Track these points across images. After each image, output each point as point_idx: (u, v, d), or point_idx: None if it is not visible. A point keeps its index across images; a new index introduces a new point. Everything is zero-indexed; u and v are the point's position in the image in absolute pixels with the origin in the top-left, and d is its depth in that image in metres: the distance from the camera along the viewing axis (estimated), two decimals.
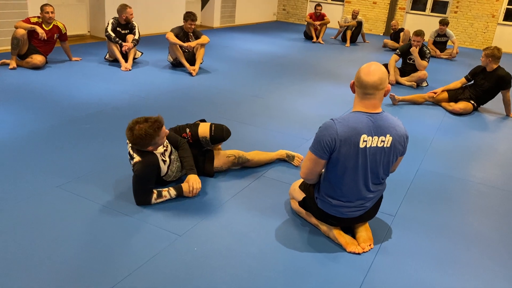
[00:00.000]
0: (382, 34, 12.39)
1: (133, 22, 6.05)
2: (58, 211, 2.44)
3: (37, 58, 5.40)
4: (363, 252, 2.31)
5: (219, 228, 2.42)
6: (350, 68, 7.31)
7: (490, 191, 3.20)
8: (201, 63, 6.19)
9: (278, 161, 3.35)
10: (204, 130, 2.88)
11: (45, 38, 5.37)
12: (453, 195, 3.09)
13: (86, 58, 6.27)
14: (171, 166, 2.73)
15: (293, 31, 11.47)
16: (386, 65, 6.33)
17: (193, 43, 5.89)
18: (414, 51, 6.13)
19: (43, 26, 5.45)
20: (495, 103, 5.54)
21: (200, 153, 2.98)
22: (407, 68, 6.41)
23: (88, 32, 8.17)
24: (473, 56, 9.88)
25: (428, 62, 6.24)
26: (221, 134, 2.91)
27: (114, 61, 6.11)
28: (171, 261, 2.11)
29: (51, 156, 3.12)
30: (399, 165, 3.39)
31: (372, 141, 2.12)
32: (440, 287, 2.11)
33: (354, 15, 10.05)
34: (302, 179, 2.62)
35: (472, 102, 5.20)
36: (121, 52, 5.91)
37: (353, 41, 10.23)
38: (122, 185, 2.78)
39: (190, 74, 5.85)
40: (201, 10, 10.93)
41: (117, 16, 5.92)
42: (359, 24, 10.11)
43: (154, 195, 2.57)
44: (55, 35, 5.60)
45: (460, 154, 3.89)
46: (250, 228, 2.44)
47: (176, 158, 2.79)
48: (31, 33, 5.33)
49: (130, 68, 5.84)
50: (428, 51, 6.22)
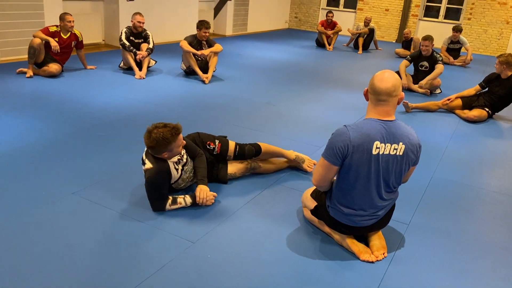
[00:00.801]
0: (395, 41, 12.35)
1: (147, 31, 6.14)
2: (73, 218, 2.48)
3: (53, 67, 5.50)
4: (377, 261, 2.30)
5: (232, 236, 2.43)
6: (363, 76, 7.30)
7: (506, 199, 3.16)
8: (214, 71, 6.23)
9: (290, 169, 3.35)
10: (231, 150, 3.07)
11: (58, 51, 5.47)
12: (468, 203, 3.06)
13: (101, 66, 6.36)
14: (184, 175, 2.76)
15: (305, 39, 11.49)
16: (398, 72, 6.31)
17: (207, 51, 5.94)
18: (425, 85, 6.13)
19: (62, 35, 5.55)
20: (511, 111, 5.48)
21: (215, 160, 3.01)
22: (420, 75, 6.37)
23: (103, 41, 8.30)
24: (487, 63, 9.78)
25: (443, 64, 6.18)
26: (243, 154, 3.09)
27: (129, 69, 6.19)
28: (185, 268, 2.12)
29: (66, 163, 3.17)
30: (412, 174, 3.38)
31: (385, 149, 2.12)
32: None
33: (367, 22, 10.04)
34: (314, 187, 2.63)
35: (487, 110, 5.15)
36: (135, 61, 5.99)
37: (365, 48, 10.22)
38: (137, 192, 2.81)
39: (203, 82, 5.89)
40: (214, 19, 11.03)
41: (130, 25, 6.01)
42: (371, 31, 10.10)
43: (169, 201, 2.60)
44: (73, 42, 5.71)
45: (475, 162, 3.85)
46: (263, 236, 2.45)
47: (191, 169, 2.81)
48: (47, 43, 5.44)
49: (144, 77, 5.91)
50: (439, 56, 6.18)
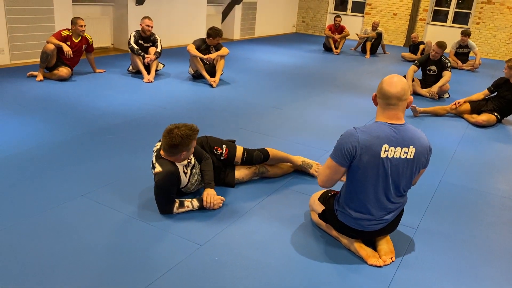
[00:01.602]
0: (403, 46, 12.32)
1: (156, 35, 6.18)
2: (83, 220, 2.50)
3: (63, 71, 5.56)
4: (385, 265, 2.29)
5: (240, 239, 2.43)
6: (370, 80, 7.29)
7: None
8: (222, 75, 6.26)
9: (297, 172, 3.36)
10: (238, 155, 3.05)
11: (71, 56, 5.53)
12: (476, 208, 3.04)
13: (110, 70, 6.41)
14: (192, 179, 2.78)
15: (313, 43, 11.51)
16: (405, 77, 6.30)
17: (213, 55, 5.97)
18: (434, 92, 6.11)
19: (73, 39, 5.62)
20: None
21: (223, 164, 3.02)
22: (428, 80, 6.35)
23: (112, 45, 8.37)
24: (496, 67, 9.73)
25: (451, 71, 6.16)
26: (251, 160, 3.09)
27: (137, 73, 6.24)
28: (192, 271, 2.13)
29: (76, 166, 3.20)
30: (421, 178, 3.37)
31: (395, 152, 2.12)
32: None
33: (374, 27, 10.04)
34: (321, 191, 2.63)
35: (496, 114, 5.12)
36: (144, 64, 6.04)
37: (373, 53, 10.20)
38: (145, 195, 2.83)
39: (211, 86, 5.92)
40: (222, 23, 11.08)
41: (139, 29, 6.07)
42: (379, 36, 10.08)
43: (176, 205, 2.61)
44: (83, 46, 5.77)
45: (483, 167, 3.83)
46: (270, 239, 2.45)
47: (198, 172, 2.83)
48: (60, 48, 5.50)
49: (152, 80, 5.95)
50: (448, 61, 6.15)
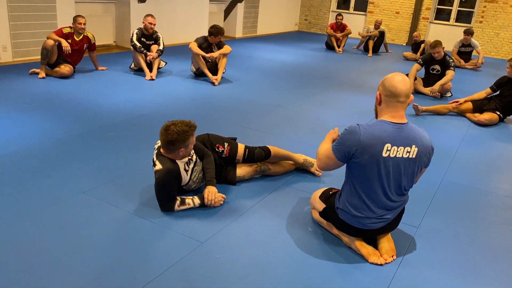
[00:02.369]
0: (405, 44, 12.29)
1: (158, 33, 6.19)
2: (84, 217, 2.51)
3: (65, 68, 5.56)
4: (386, 263, 2.29)
5: (241, 237, 2.43)
6: (372, 78, 7.27)
7: None
8: (223, 73, 6.26)
9: (299, 170, 3.35)
10: (240, 153, 3.05)
11: (69, 52, 5.53)
12: (478, 208, 3.04)
13: (112, 68, 6.42)
14: (193, 177, 2.78)
15: (315, 41, 11.49)
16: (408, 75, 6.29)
17: (215, 54, 5.96)
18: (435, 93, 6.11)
19: (74, 37, 5.62)
20: None
21: (224, 162, 3.02)
22: (431, 79, 6.33)
23: (114, 42, 8.37)
24: (499, 67, 9.70)
25: (454, 70, 6.13)
26: (253, 158, 3.09)
27: (139, 71, 6.24)
28: (194, 268, 2.13)
29: (77, 163, 3.20)
30: (422, 177, 3.36)
31: (397, 151, 2.12)
32: None
33: (377, 25, 10.01)
34: (322, 189, 2.63)
35: (498, 113, 5.10)
36: (146, 62, 6.04)
37: (376, 51, 10.18)
38: (146, 192, 2.83)
39: (213, 84, 5.92)
40: (224, 21, 11.07)
41: (142, 27, 6.07)
42: (382, 34, 10.06)
43: (177, 202, 2.61)
44: (85, 45, 5.77)
45: (485, 166, 3.82)
46: (271, 237, 2.45)
47: (200, 170, 2.83)
48: (60, 45, 5.50)
49: (155, 78, 5.95)
50: (452, 60, 6.13)
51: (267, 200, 2.87)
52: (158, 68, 6.24)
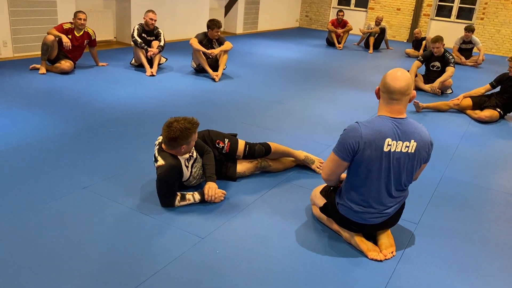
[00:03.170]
0: (406, 41, 12.27)
1: (159, 29, 6.18)
2: (84, 212, 2.51)
3: (66, 64, 5.56)
4: (385, 259, 2.30)
5: (241, 232, 2.44)
6: (373, 75, 7.27)
7: None
8: (224, 69, 6.25)
9: (299, 167, 3.36)
10: (240, 149, 3.06)
11: (70, 47, 5.52)
12: (478, 204, 3.04)
13: (112, 63, 6.41)
14: (194, 173, 2.78)
15: (316, 38, 11.47)
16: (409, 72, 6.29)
17: (216, 50, 5.96)
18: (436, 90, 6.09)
19: (75, 33, 5.61)
20: None
21: (224, 158, 3.03)
22: (431, 76, 6.32)
23: (114, 38, 8.36)
24: (500, 63, 9.68)
25: (454, 67, 6.12)
26: (253, 154, 3.09)
27: (140, 67, 6.23)
28: (194, 263, 2.14)
29: (78, 159, 3.21)
30: (422, 173, 3.36)
31: (397, 146, 2.13)
32: None
33: (378, 22, 9.99)
34: (323, 185, 2.63)
35: (499, 110, 5.11)
36: (147, 58, 6.03)
37: (376, 48, 10.17)
38: (147, 188, 2.84)
39: (213, 80, 5.91)
40: (225, 17, 11.05)
41: (142, 23, 6.06)
42: (383, 31, 10.04)
43: (178, 198, 2.62)
44: (85, 41, 5.77)
45: (486, 163, 3.82)
46: (272, 233, 2.46)
47: (200, 166, 2.84)
48: (60, 40, 5.50)
49: (155, 74, 5.95)
50: (452, 57, 6.12)
51: (268, 196, 2.88)
52: (159, 64, 6.24)
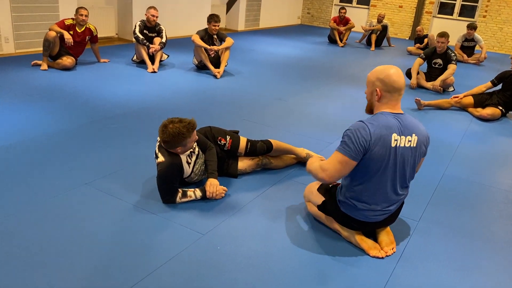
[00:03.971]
0: (408, 39, 12.24)
1: (161, 26, 6.17)
2: (86, 208, 2.52)
3: (67, 60, 5.56)
4: (386, 256, 2.30)
5: (242, 229, 2.45)
6: None
7: None
8: (226, 66, 6.25)
9: (300, 164, 3.36)
10: (242, 146, 3.06)
11: (71, 44, 5.52)
12: (479, 202, 3.04)
13: (114, 60, 6.41)
14: (195, 169, 2.79)
15: (318, 35, 11.45)
16: (411, 69, 6.29)
17: (219, 47, 5.95)
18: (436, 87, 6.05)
19: (77, 29, 5.61)
20: None
21: (226, 155, 3.03)
22: (433, 73, 6.31)
23: (116, 34, 8.36)
24: (502, 61, 9.66)
25: (456, 64, 6.10)
26: (255, 151, 3.10)
27: (141, 63, 6.23)
28: (195, 259, 2.15)
29: (80, 154, 3.21)
30: (423, 170, 3.37)
31: (401, 141, 2.14)
32: None
33: (380, 19, 9.97)
34: (317, 182, 2.60)
35: (500, 108, 5.10)
36: (148, 54, 6.03)
37: (378, 45, 10.14)
38: (149, 184, 2.84)
39: (215, 77, 5.91)
40: (226, 14, 11.03)
41: (144, 19, 6.06)
42: (385, 28, 10.02)
43: (179, 194, 2.62)
44: (87, 37, 5.77)
45: (487, 160, 3.82)
46: (272, 230, 2.46)
47: (202, 162, 2.84)
48: (62, 36, 5.50)
49: (157, 70, 5.95)
50: (454, 54, 6.11)
51: (268, 193, 2.88)
52: (160, 61, 6.24)
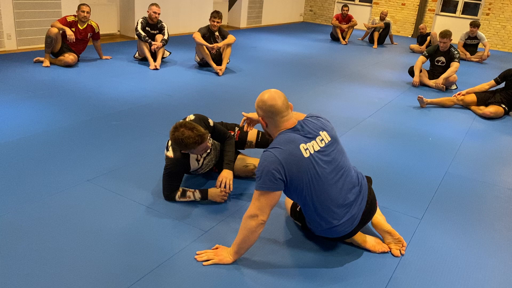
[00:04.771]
0: (411, 36, 12.21)
1: (163, 23, 6.16)
2: (88, 205, 2.52)
3: (69, 57, 5.56)
4: (397, 246, 2.32)
5: None
6: (377, 70, 7.24)
7: None
8: (228, 63, 6.24)
9: None
10: (252, 135, 3.00)
11: (73, 40, 5.51)
12: (482, 200, 3.03)
13: (116, 57, 6.41)
14: (204, 165, 2.77)
15: (320, 32, 11.42)
16: (414, 67, 6.28)
17: (219, 44, 5.94)
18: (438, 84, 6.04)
19: (79, 25, 5.61)
20: None
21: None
22: (436, 71, 6.29)
23: (118, 31, 8.35)
24: (505, 59, 9.63)
25: (459, 62, 6.07)
26: (266, 142, 3.00)
27: (143, 60, 6.23)
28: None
29: (82, 151, 3.21)
30: (426, 169, 3.36)
31: (312, 147, 2.04)
32: None
33: (382, 17, 9.94)
34: (290, 202, 2.49)
35: (503, 106, 5.08)
36: (150, 51, 6.03)
37: (381, 43, 10.12)
38: (151, 181, 2.84)
39: (217, 74, 5.91)
40: (228, 11, 11.01)
41: (146, 16, 6.05)
42: (387, 26, 9.99)
43: (178, 193, 2.62)
44: (89, 34, 5.76)
45: (490, 159, 3.81)
46: (273, 228, 2.46)
47: (212, 157, 2.80)
48: (64, 33, 5.50)
49: (159, 67, 5.94)
50: (457, 52, 6.08)
51: None
52: (162, 58, 6.23)
